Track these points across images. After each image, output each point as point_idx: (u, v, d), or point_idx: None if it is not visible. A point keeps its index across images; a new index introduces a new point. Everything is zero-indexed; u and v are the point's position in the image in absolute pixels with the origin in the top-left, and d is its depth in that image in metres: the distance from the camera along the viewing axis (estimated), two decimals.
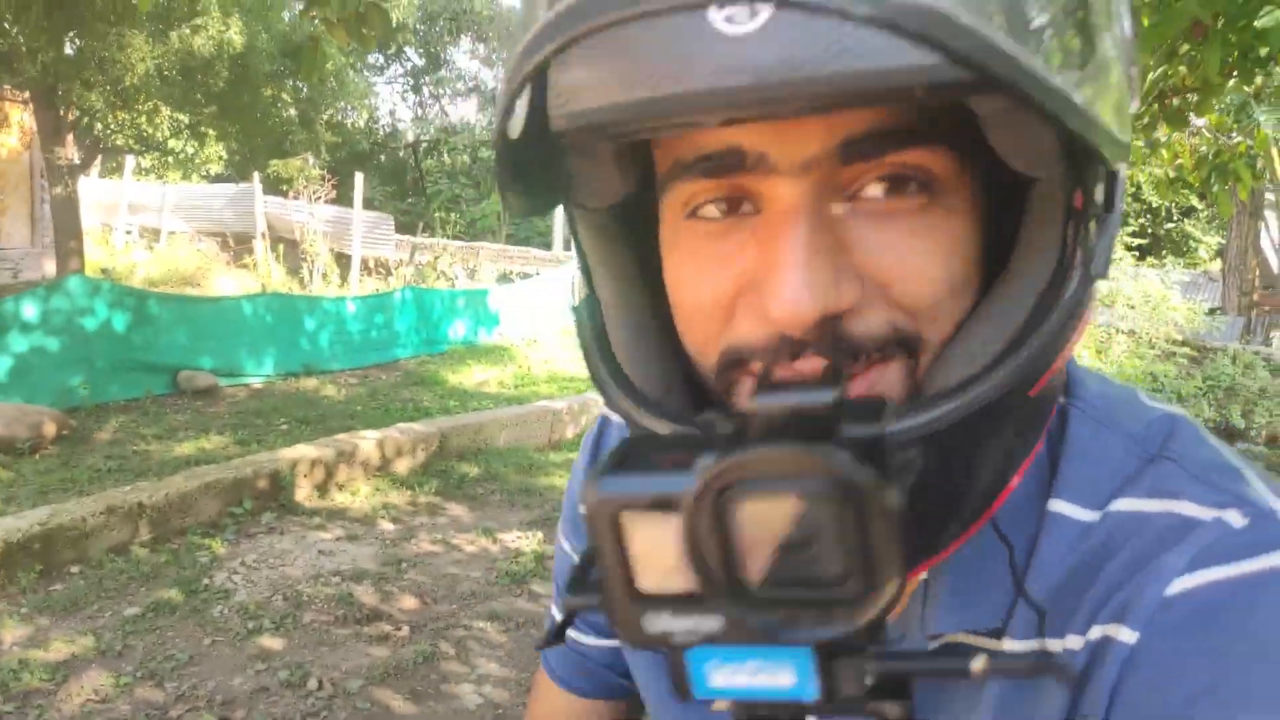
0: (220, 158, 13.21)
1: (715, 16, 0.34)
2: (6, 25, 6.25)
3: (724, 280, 0.45)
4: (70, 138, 8.09)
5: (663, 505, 0.31)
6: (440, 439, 6.14)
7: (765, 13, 0.33)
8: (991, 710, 0.51)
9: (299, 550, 4.52)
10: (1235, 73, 2.40)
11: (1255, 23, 2.09)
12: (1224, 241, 16.57)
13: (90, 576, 4.07)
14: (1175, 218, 22.08)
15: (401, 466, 5.82)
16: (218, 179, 17.33)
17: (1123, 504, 0.49)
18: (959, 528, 0.44)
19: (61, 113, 7.70)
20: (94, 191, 14.72)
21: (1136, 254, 12.98)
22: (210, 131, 8.85)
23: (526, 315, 12.34)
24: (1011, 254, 0.46)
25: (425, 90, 27.98)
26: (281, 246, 14.14)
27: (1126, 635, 0.45)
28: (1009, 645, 0.50)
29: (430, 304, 10.59)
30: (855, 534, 0.30)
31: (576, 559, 0.64)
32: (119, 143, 9.42)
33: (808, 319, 0.41)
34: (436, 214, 19.78)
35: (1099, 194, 0.43)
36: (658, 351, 0.51)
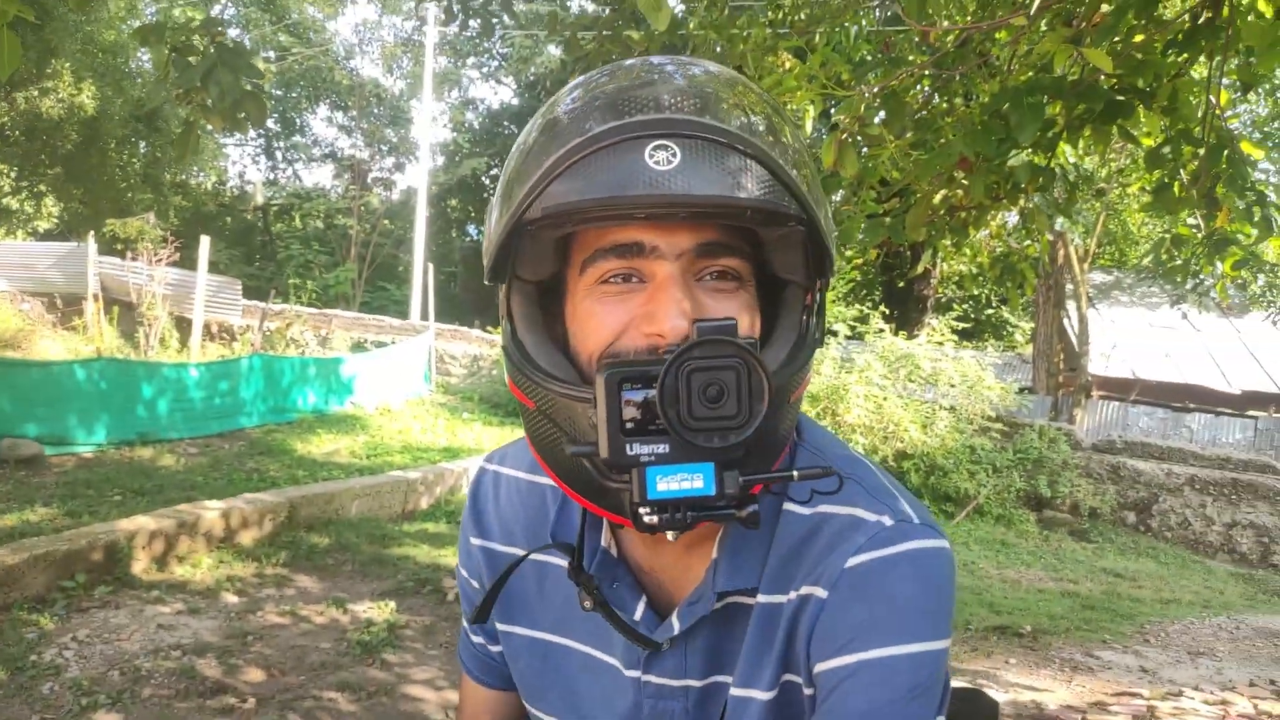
0: (51, 215, 12.56)
1: (648, 159, 0.64)
2: None
3: (620, 314, 0.71)
4: None
5: (646, 379, 0.62)
6: (289, 509, 6.05)
7: (676, 160, 0.64)
8: (751, 649, 0.80)
9: (136, 624, 4.37)
10: (1002, 196, 2.92)
11: (1008, 161, 2.59)
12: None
13: None
14: (994, 304, 24.09)
15: (247, 538, 5.70)
16: (47, 236, 16.32)
17: (824, 506, 0.80)
18: (777, 454, 0.76)
19: None
20: None
21: (958, 338, 14.14)
22: (47, 191, 8.49)
23: (380, 384, 12.21)
24: (774, 325, 0.77)
25: (279, 154, 27.46)
26: (116, 309, 13.46)
27: (820, 593, 0.77)
28: (761, 598, 0.80)
29: (279, 371, 10.35)
30: (745, 387, 0.61)
31: (475, 585, 0.96)
32: None
33: (683, 333, 0.67)
34: (290, 280, 19.29)
35: (819, 296, 0.77)
36: (560, 366, 0.75)
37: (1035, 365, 16.47)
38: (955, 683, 0.86)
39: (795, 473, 0.68)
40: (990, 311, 24.42)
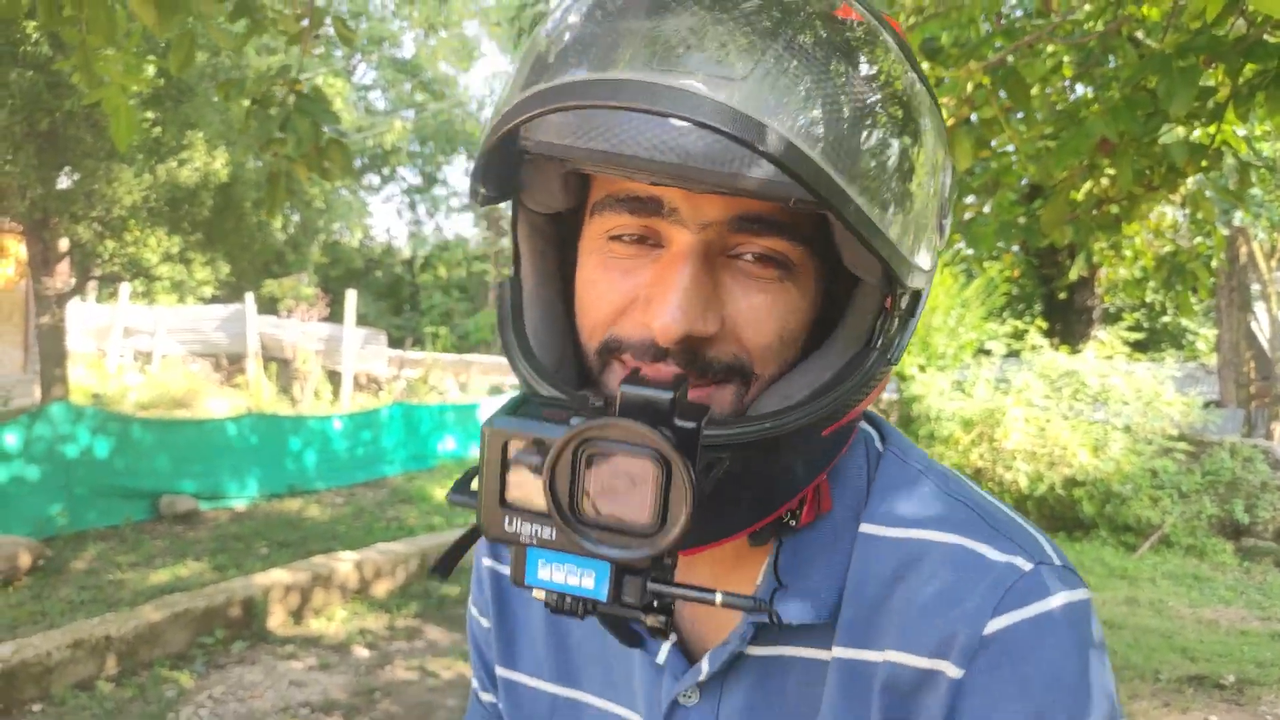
0: (213, 280, 13.45)
1: (648, 87, 0.47)
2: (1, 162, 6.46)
3: (623, 289, 0.59)
4: (60, 267, 8.25)
5: (538, 445, 0.48)
6: (421, 558, 6.04)
7: (689, 101, 0.46)
8: (826, 709, 0.63)
9: (269, 681, 4.38)
10: (1156, 184, 2.48)
11: (1159, 139, 2.17)
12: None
13: (52, 714, 3.93)
14: (1170, 312, 22.30)
15: (380, 589, 5.71)
16: (212, 301, 17.61)
17: (922, 532, 0.63)
18: (749, 520, 0.59)
19: (51, 243, 7.88)
20: (89, 317, 14.92)
21: (1131, 350, 13.04)
22: (196, 256, 9.04)
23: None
24: (835, 329, 0.61)
25: (420, 207, 28.77)
26: (274, 365, 14.23)
27: (953, 671, 0.59)
28: (839, 651, 0.63)
29: (418, 419, 10.58)
30: (660, 491, 0.45)
31: (485, 624, 0.83)
32: (111, 270, 9.61)
33: (675, 335, 0.54)
34: (427, 329, 19.99)
35: (904, 302, 0.60)
36: (558, 331, 0.65)
37: (1222, 376, 15.00)
38: None
39: (718, 598, 0.50)
40: (1167, 319, 22.58)
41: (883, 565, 0.63)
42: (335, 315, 15.35)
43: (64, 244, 8.13)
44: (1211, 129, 2.63)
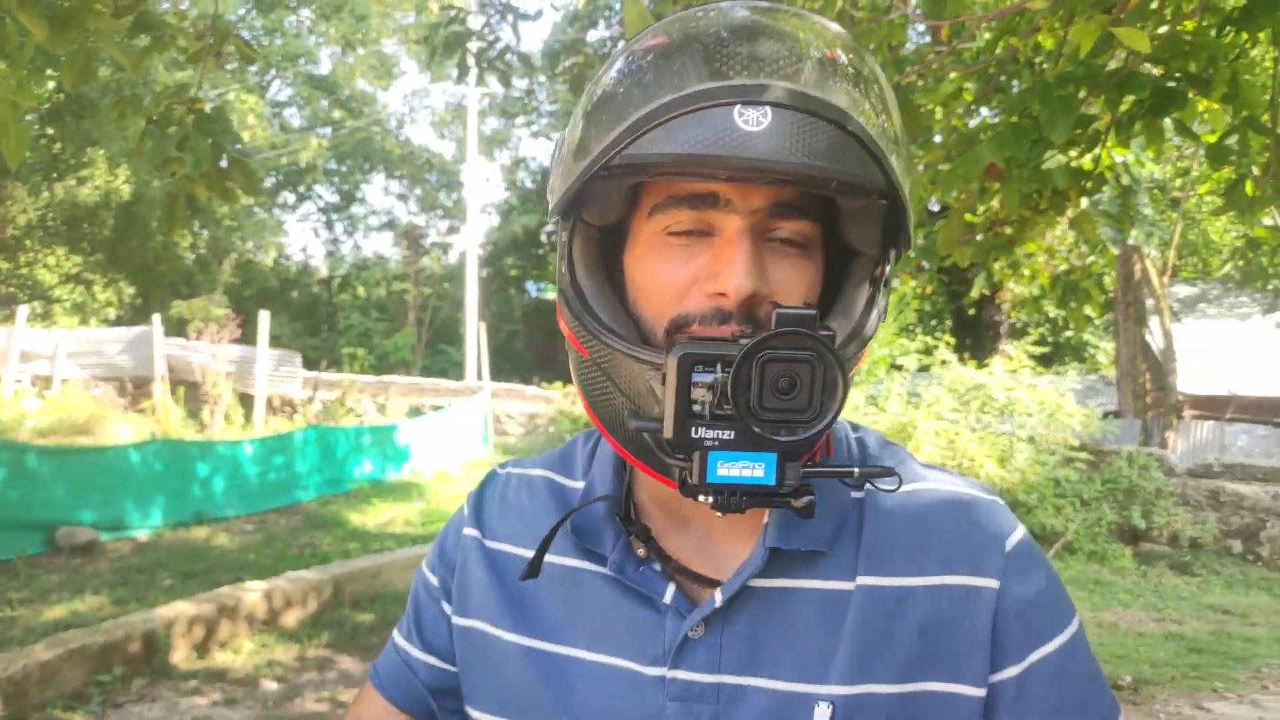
0: (116, 302, 12.95)
1: (737, 117, 0.62)
2: None
3: (686, 272, 0.70)
4: None
5: (719, 361, 0.60)
6: (334, 586, 5.90)
7: (766, 121, 0.62)
8: (855, 637, 0.72)
9: (172, 719, 4.22)
10: (1043, 207, 2.61)
11: (1044, 165, 2.29)
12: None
13: None
14: (1073, 327, 23.18)
15: (290, 618, 5.55)
16: (117, 323, 16.91)
17: (920, 485, 0.79)
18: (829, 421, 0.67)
19: None
20: None
21: (1037, 364, 13.51)
22: (98, 278, 8.70)
23: (437, 449, 12.16)
24: (841, 293, 0.75)
25: (338, 226, 28.20)
26: (183, 389, 13.75)
27: (990, 583, 0.74)
28: (862, 580, 0.74)
29: (334, 442, 10.35)
30: (819, 383, 0.59)
31: (436, 582, 0.89)
32: (7, 291, 9.18)
33: (746, 292, 0.66)
34: (344, 350, 19.58)
35: (889, 271, 0.75)
36: (620, 322, 0.73)
37: (1120, 387, 15.66)
38: None
39: (856, 470, 0.67)
40: (1069, 334, 23.50)
41: (895, 509, 0.76)
42: (248, 337, 14.92)
43: None
44: (1093, 155, 2.78)
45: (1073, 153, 2.82)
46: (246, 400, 13.40)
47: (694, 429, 0.60)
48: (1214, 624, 7.40)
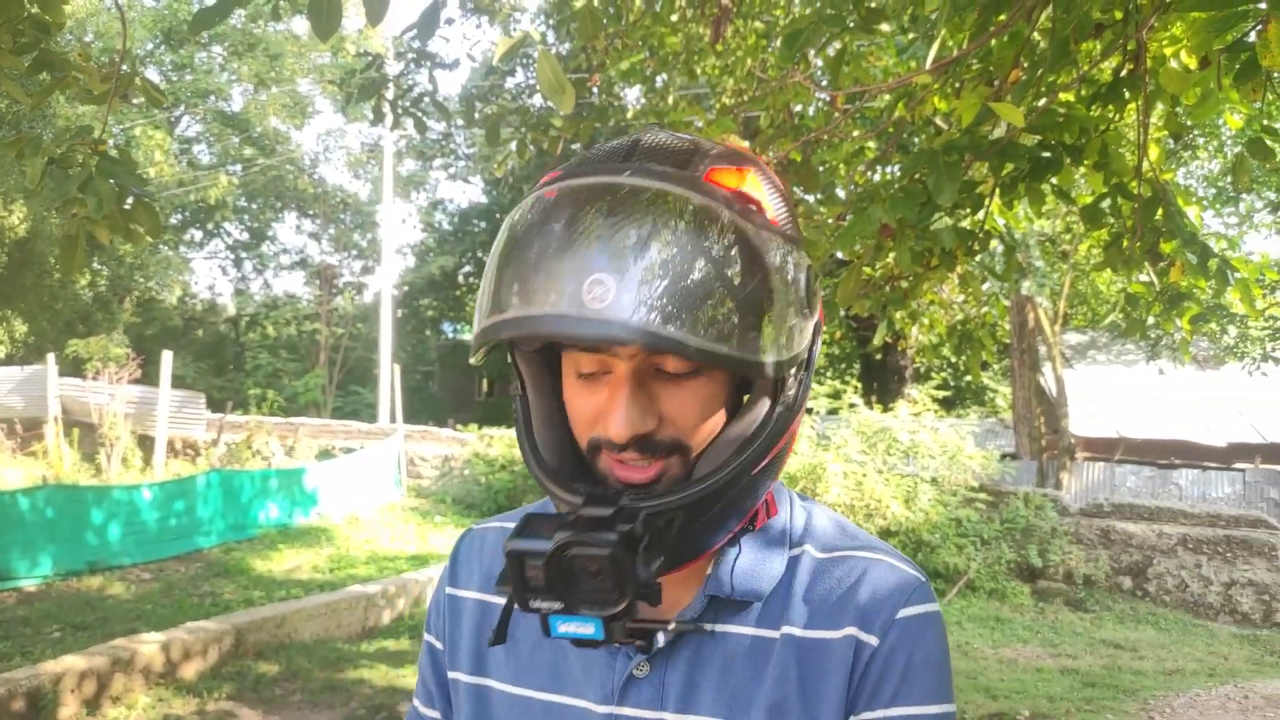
0: (7, 340, 12.35)
1: (586, 296, 0.68)
2: None
3: (593, 406, 0.79)
4: None
5: (539, 554, 0.69)
6: (235, 636, 5.70)
7: (609, 298, 0.68)
8: (776, 680, 0.81)
9: None
10: (933, 264, 2.79)
11: (932, 226, 2.46)
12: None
13: None
14: (969, 373, 23.98)
15: (190, 670, 5.34)
16: (7, 362, 16.06)
17: (850, 552, 0.86)
18: (710, 544, 0.80)
19: None
20: None
21: (940, 407, 13.98)
22: None
23: (347, 492, 11.88)
24: (745, 401, 0.82)
25: (248, 264, 27.46)
26: (77, 431, 13.15)
27: (870, 640, 0.81)
28: (792, 630, 0.83)
29: (239, 486, 10.04)
30: (613, 573, 0.68)
31: (435, 644, 0.99)
32: None
33: (625, 437, 0.75)
34: (251, 390, 19.00)
35: (793, 372, 0.80)
36: (558, 434, 0.85)
37: (1017, 430, 16.28)
38: None
39: (673, 624, 0.81)
40: (969, 379, 24.36)
41: (821, 569, 0.85)
42: (149, 377, 14.38)
43: None
44: (978, 218, 2.97)
45: (960, 214, 3.02)
46: (146, 443, 12.88)
47: (531, 600, 0.71)
48: (1106, 658, 7.73)
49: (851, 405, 11.47)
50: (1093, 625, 9.21)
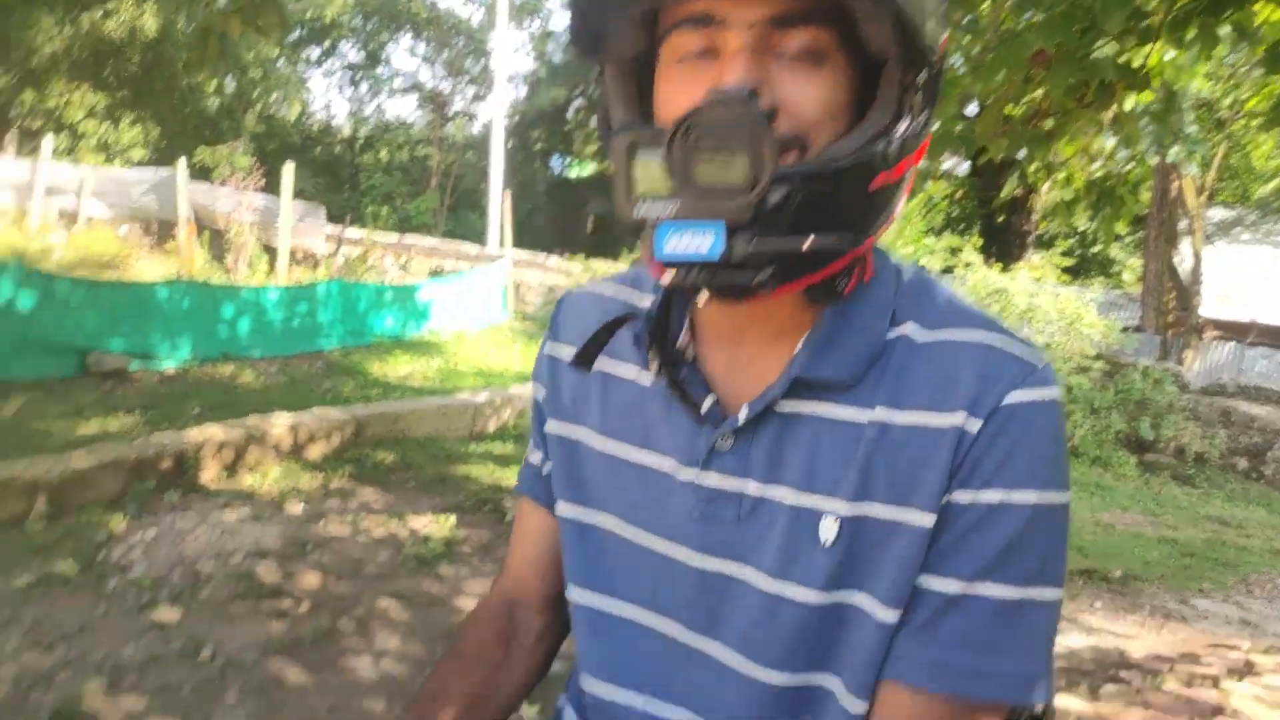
0: (142, 141, 12.85)
1: None
2: None
3: (693, 93, 0.69)
4: None
5: (656, 141, 0.65)
6: (356, 426, 6.07)
7: None
8: (864, 465, 0.75)
9: (202, 529, 4.42)
10: (1088, 100, 2.54)
11: (1092, 55, 2.23)
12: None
13: None
14: (1100, 240, 22.81)
15: (314, 452, 5.74)
16: (140, 164, 16.78)
17: (956, 333, 0.76)
18: (813, 268, 0.71)
19: None
20: (8, 172, 14.19)
21: (1063, 273, 13.36)
22: (124, 115, 8.62)
23: (457, 311, 12.26)
24: (870, 106, 0.72)
25: (363, 85, 27.60)
26: (207, 234, 13.79)
27: (971, 425, 0.72)
28: (877, 413, 0.75)
29: (356, 296, 10.45)
30: (754, 153, 0.62)
31: (537, 396, 0.99)
32: (34, 123, 9.12)
33: (736, 80, 0.67)
34: (369, 208, 19.49)
35: (923, 81, 0.72)
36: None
37: (1144, 304, 15.58)
38: None
39: (811, 237, 0.66)
40: (1097, 249, 23.17)
41: (922, 350, 0.76)
42: (271, 188, 14.84)
43: None
44: (1144, 53, 2.68)
45: (1125, 43, 2.73)
46: (269, 250, 13.44)
47: (637, 208, 0.64)
48: (1210, 532, 7.57)
49: (968, 264, 11.06)
50: (1199, 500, 8.98)
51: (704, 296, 0.68)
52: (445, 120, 26.41)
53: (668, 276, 0.67)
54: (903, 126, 0.71)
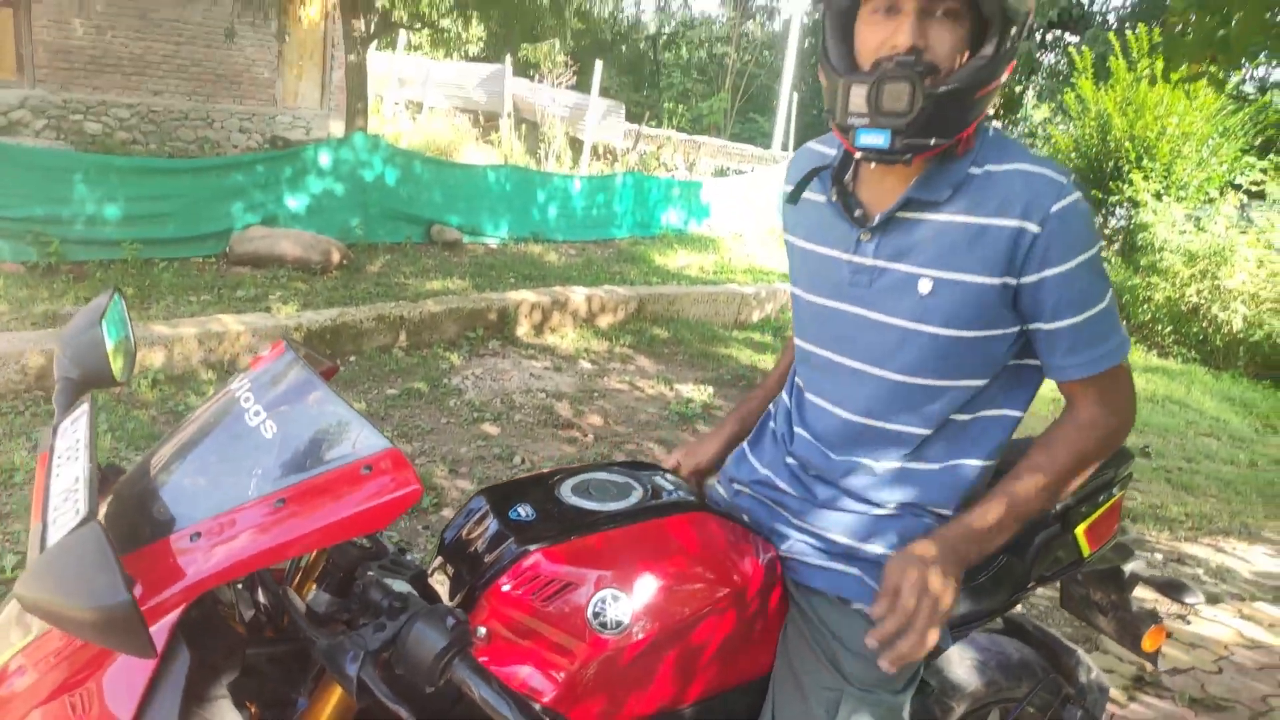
0: (479, 38, 14.42)
1: None
2: None
3: (880, 37, 1.18)
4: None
5: (861, 80, 1.19)
6: (638, 303, 7.02)
7: None
8: (958, 248, 1.23)
9: (515, 371, 5.56)
10: None
11: None
12: None
13: (363, 365, 5.28)
14: None
15: (603, 321, 6.77)
16: (475, 59, 18.81)
17: (1018, 164, 1.23)
18: (945, 137, 1.18)
19: None
20: (370, 64, 16.52)
21: None
22: (474, 14, 9.92)
23: (736, 210, 12.90)
24: (980, 47, 1.19)
25: None
26: (524, 126, 15.37)
27: (1033, 227, 1.19)
28: (964, 217, 1.23)
29: (647, 190, 11.40)
30: (912, 94, 1.15)
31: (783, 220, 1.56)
32: (397, 19, 10.73)
33: (909, 44, 1.15)
34: (665, 106, 20.41)
35: (1013, 32, 1.18)
36: (842, 61, 1.25)
37: None
38: None
39: (933, 143, 1.18)
40: None
41: (993, 177, 1.22)
42: (581, 84, 16.13)
43: None
44: None
45: None
46: (575, 144, 14.78)
47: (850, 119, 1.17)
48: None
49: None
50: None
51: (873, 163, 1.22)
52: (746, 16, 26.59)
53: (859, 153, 1.19)
54: (998, 60, 1.17)
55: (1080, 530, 1.61)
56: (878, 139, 1.16)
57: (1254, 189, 10.85)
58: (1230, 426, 7.58)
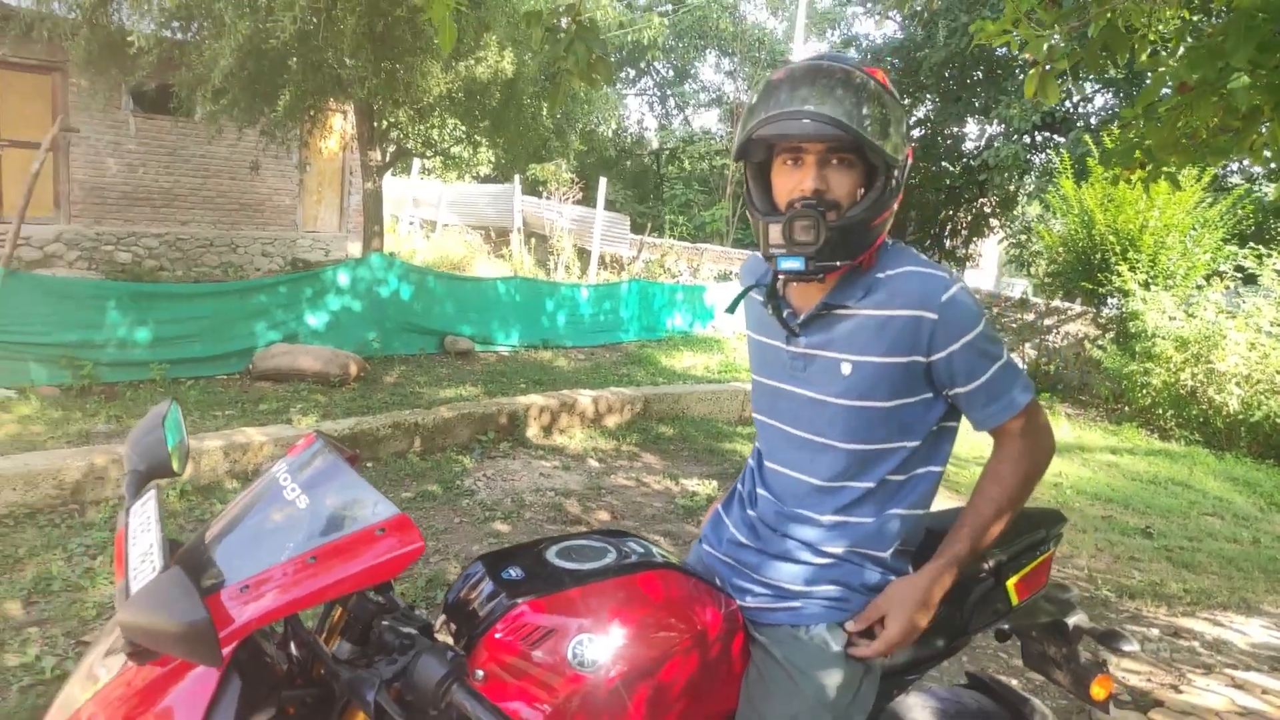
0: (489, 161, 15.19)
1: (796, 112, 1.44)
2: (346, 60, 8.09)
3: (793, 183, 1.50)
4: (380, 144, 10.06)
5: (777, 219, 1.51)
6: (644, 403, 7.28)
7: (809, 114, 1.43)
8: (871, 337, 1.52)
9: (525, 471, 5.79)
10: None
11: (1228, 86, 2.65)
12: None
13: (379, 470, 5.51)
14: None
15: (611, 421, 7.01)
16: (485, 179, 19.67)
17: (908, 268, 1.53)
18: (848, 258, 1.50)
19: (375, 124, 9.66)
20: (386, 188, 17.33)
21: None
22: (483, 141, 10.58)
23: (739, 311, 13.29)
24: (869, 188, 1.51)
25: (671, 101, 29.68)
26: (533, 240, 15.98)
27: (930, 315, 1.48)
28: (870, 311, 1.52)
29: (652, 295, 11.81)
30: (816, 229, 1.46)
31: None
32: (411, 148, 11.40)
33: (811, 190, 1.48)
34: (667, 216, 21.13)
35: (895, 175, 1.52)
36: (764, 203, 1.57)
37: None
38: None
39: (839, 264, 1.49)
40: None
41: (890, 279, 1.50)
42: (588, 199, 16.82)
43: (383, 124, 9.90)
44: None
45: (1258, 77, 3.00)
46: (583, 255, 15.34)
47: (772, 251, 1.46)
48: None
49: (1278, 271, 10.30)
50: None
51: (794, 281, 1.54)
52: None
53: (781, 273, 1.49)
54: (886, 196, 1.47)
55: (1011, 583, 1.82)
56: (795, 264, 1.45)
57: (1242, 274, 11.19)
58: (1234, 506, 7.67)
